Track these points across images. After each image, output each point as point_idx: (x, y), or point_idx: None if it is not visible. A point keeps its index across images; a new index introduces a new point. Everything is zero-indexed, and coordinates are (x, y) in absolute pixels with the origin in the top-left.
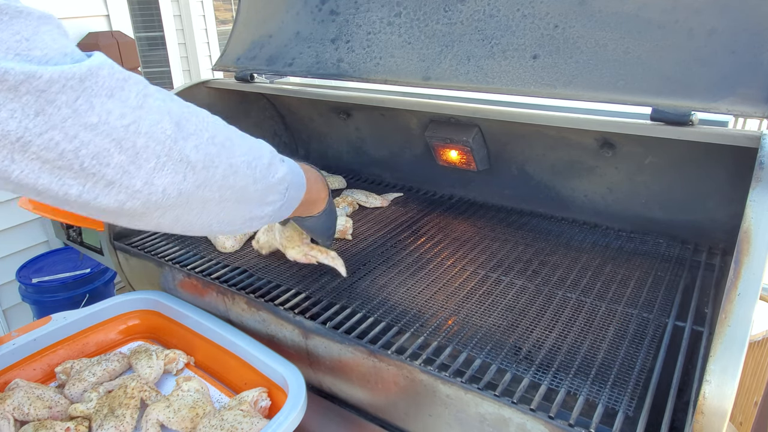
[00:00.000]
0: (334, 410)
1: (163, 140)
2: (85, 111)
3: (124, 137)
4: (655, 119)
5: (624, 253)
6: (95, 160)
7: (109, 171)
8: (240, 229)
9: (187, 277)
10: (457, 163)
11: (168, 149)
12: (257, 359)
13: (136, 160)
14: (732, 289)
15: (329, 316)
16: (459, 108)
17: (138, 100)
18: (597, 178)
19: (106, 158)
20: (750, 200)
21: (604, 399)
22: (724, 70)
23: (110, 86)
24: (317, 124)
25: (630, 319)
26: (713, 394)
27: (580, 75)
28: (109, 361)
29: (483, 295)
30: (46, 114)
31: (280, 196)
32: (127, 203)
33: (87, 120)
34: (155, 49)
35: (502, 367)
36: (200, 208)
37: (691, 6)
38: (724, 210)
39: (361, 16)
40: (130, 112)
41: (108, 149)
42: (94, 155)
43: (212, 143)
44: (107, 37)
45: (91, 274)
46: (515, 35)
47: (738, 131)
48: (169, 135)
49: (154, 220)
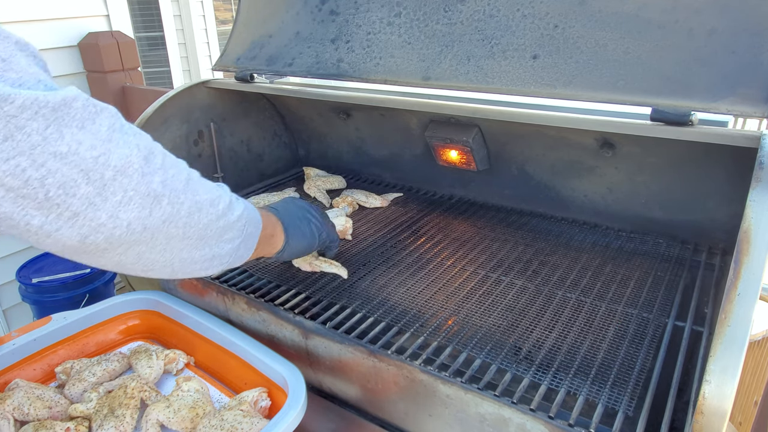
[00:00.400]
0: (334, 410)
1: (131, 174)
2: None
3: (93, 168)
4: (655, 119)
5: (624, 253)
6: (61, 189)
7: (75, 202)
8: (199, 270)
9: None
10: (457, 163)
11: (136, 183)
12: (257, 359)
13: (103, 192)
14: (732, 289)
15: (329, 316)
16: (459, 108)
17: (109, 133)
18: (597, 178)
19: (73, 188)
20: (750, 200)
21: (603, 399)
22: (724, 70)
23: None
24: (317, 124)
25: (630, 319)
26: (713, 394)
27: (580, 75)
28: (109, 361)
29: (483, 295)
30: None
31: (239, 232)
32: (90, 237)
33: (56, 149)
34: (155, 49)
35: (502, 367)
36: (164, 244)
37: (691, 6)
38: (724, 210)
39: (361, 16)
40: (100, 144)
41: (75, 180)
42: (61, 185)
43: (178, 180)
44: (107, 37)
45: (91, 274)
46: (515, 35)
47: (738, 131)
48: (137, 169)
49: (115, 257)
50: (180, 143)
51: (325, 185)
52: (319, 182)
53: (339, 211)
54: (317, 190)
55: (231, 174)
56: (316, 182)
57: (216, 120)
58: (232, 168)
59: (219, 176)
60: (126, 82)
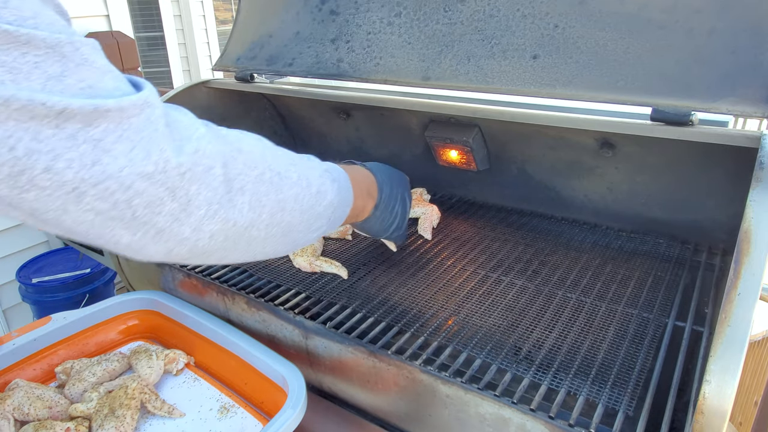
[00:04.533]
0: (334, 410)
1: (215, 186)
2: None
3: (179, 186)
4: (655, 119)
5: (624, 253)
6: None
7: (160, 220)
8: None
9: (186, 277)
10: (457, 163)
11: (219, 196)
12: (257, 359)
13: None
14: (732, 289)
15: (329, 316)
16: (459, 108)
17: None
18: (597, 178)
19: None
20: (750, 200)
21: (604, 399)
22: (724, 70)
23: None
24: (317, 124)
25: (630, 319)
26: (713, 394)
27: (580, 75)
28: (109, 361)
29: (483, 295)
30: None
31: (326, 220)
32: (174, 250)
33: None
34: (155, 49)
35: (502, 367)
36: (245, 247)
37: (691, 6)
38: (724, 210)
39: (361, 16)
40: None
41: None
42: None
43: (260, 181)
44: (107, 37)
45: (91, 274)
46: (515, 35)
47: (738, 131)
48: (220, 180)
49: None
50: None
51: None
52: None
53: None
54: None
55: None
56: None
57: (216, 120)
58: None
59: None
60: None
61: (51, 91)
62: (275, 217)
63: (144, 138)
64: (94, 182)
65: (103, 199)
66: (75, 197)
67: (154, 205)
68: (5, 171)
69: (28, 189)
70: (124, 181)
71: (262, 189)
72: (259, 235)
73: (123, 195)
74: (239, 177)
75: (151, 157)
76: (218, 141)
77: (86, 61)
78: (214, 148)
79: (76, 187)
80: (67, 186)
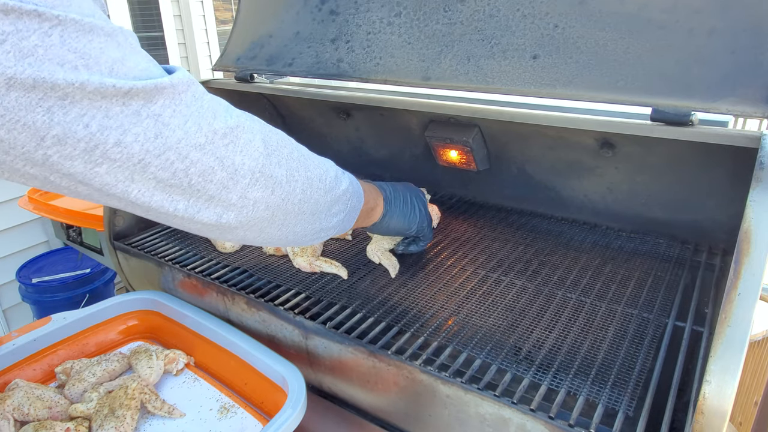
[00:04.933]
0: (334, 410)
1: (257, 157)
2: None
3: (226, 155)
4: (655, 119)
5: (624, 253)
6: (201, 177)
7: (212, 187)
8: (310, 241)
9: (186, 277)
10: (457, 163)
11: (261, 165)
12: (257, 359)
13: (235, 176)
14: (732, 289)
15: (329, 316)
16: (459, 108)
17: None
18: (597, 178)
19: (210, 175)
20: (750, 200)
21: (604, 399)
22: (724, 70)
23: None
24: (317, 124)
25: (630, 319)
26: (713, 394)
27: (580, 75)
28: (109, 362)
29: (483, 295)
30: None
31: (344, 206)
32: (224, 216)
33: (196, 141)
34: (155, 49)
35: (502, 368)
36: (282, 220)
37: (691, 6)
38: (724, 210)
39: (361, 16)
40: (230, 132)
41: (213, 167)
42: (201, 173)
43: (291, 158)
44: None
45: (91, 274)
46: (515, 35)
47: (738, 131)
48: (261, 152)
49: (241, 233)
50: None
51: None
52: None
53: None
54: None
55: None
56: None
57: None
58: None
59: None
60: None
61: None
62: (306, 193)
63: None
64: (157, 153)
65: (164, 169)
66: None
67: (207, 173)
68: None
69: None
70: (182, 152)
71: (293, 165)
72: (294, 209)
73: (181, 164)
74: (276, 152)
75: (202, 129)
76: (253, 119)
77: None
78: (251, 124)
79: (142, 158)
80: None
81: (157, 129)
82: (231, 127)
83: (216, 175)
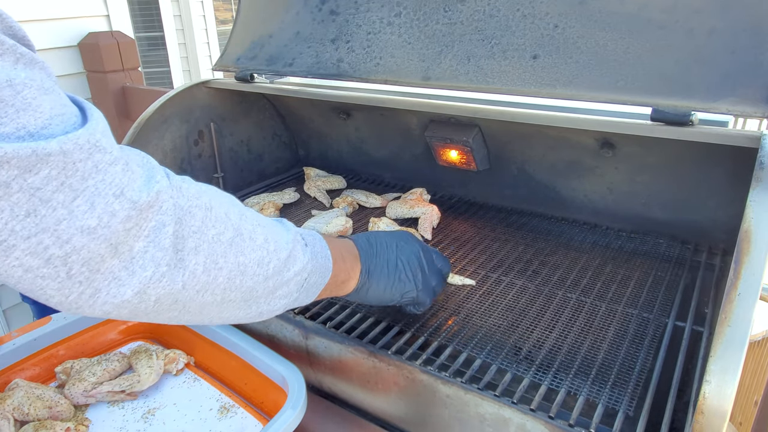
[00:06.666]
0: (334, 410)
1: (166, 246)
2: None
3: (123, 241)
4: (655, 119)
5: (624, 253)
6: (85, 267)
7: (98, 278)
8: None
9: None
10: (457, 163)
11: (169, 257)
12: (257, 359)
13: (131, 266)
14: (732, 289)
15: (329, 316)
16: (459, 108)
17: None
18: (597, 178)
19: (98, 264)
20: (750, 200)
21: (604, 399)
22: (724, 70)
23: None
24: (317, 124)
25: (630, 319)
26: (713, 394)
27: (580, 75)
28: (109, 361)
29: (483, 295)
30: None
31: (297, 287)
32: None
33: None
34: (155, 49)
35: (502, 368)
36: (198, 310)
37: (691, 6)
38: (724, 210)
39: (361, 16)
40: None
41: (102, 255)
42: (85, 261)
43: (218, 242)
44: (107, 37)
45: None
46: (515, 35)
47: (738, 131)
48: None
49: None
50: (180, 143)
51: (325, 185)
52: (319, 182)
53: (339, 211)
54: (317, 190)
55: (231, 174)
56: (316, 182)
57: (216, 120)
58: (232, 168)
59: (219, 176)
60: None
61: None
62: (234, 282)
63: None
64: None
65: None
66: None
67: (93, 262)
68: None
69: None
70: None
71: (219, 250)
72: (215, 299)
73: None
74: (194, 235)
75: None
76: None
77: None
78: (170, 203)
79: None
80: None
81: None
82: (141, 207)
83: (104, 264)
